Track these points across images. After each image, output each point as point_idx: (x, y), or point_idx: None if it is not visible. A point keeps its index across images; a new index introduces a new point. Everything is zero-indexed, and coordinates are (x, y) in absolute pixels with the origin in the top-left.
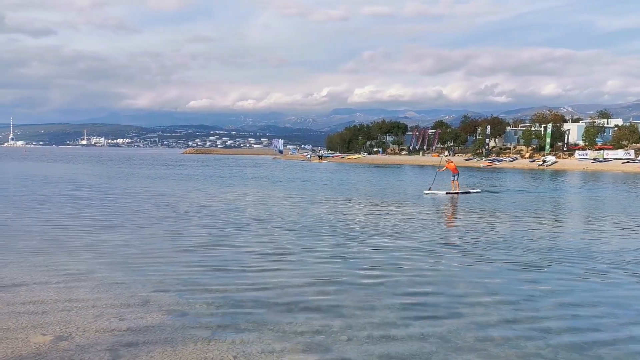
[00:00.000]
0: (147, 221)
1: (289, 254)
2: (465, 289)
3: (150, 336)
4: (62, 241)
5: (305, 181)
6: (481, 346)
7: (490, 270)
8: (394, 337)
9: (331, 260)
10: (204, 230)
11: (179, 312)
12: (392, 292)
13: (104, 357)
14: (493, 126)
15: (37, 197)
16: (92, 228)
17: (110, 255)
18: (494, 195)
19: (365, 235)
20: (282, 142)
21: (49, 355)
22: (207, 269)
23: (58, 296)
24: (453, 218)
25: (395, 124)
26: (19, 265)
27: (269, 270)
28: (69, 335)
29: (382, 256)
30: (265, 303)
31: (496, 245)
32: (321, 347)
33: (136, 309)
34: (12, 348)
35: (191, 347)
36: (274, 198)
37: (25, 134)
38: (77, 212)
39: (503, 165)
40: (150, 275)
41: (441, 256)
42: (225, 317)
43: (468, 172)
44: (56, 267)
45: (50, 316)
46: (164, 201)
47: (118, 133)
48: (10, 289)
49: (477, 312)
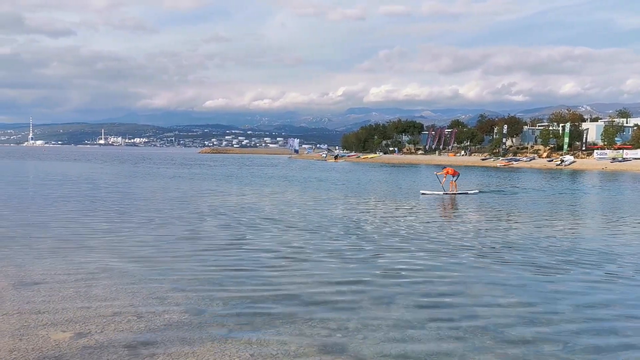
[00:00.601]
0: (165, 220)
1: (305, 253)
2: (482, 290)
3: (168, 334)
4: (80, 240)
5: (321, 181)
6: (498, 347)
7: (507, 271)
8: (410, 336)
9: (347, 261)
10: (221, 229)
11: (196, 310)
12: (408, 293)
13: (123, 354)
14: (510, 125)
15: (56, 196)
16: (110, 227)
17: (127, 254)
18: (510, 196)
19: (380, 236)
20: (298, 141)
21: (69, 352)
22: (223, 268)
23: (77, 294)
24: (467, 219)
25: (411, 123)
26: (39, 264)
27: (285, 269)
28: (89, 333)
29: (397, 257)
30: (282, 302)
31: (512, 247)
32: (337, 346)
33: (154, 307)
34: (33, 345)
35: (208, 345)
36: (291, 198)
37: (44, 134)
38: (95, 211)
39: (520, 165)
40: (167, 273)
41: (457, 257)
42: (241, 316)
43: (484, 172)
44: (75, 265)
45: (70, 313)
46: (181, 201)
47: (135, 132)
48: (30, 287)
49: (495, 313)
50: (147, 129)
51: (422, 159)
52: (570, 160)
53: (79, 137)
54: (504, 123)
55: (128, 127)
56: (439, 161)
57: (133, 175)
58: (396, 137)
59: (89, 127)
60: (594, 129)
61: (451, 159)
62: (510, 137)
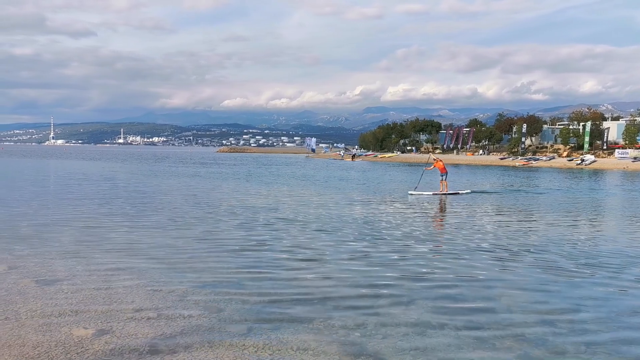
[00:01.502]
0: (184, 220)
1: (324, 254)
2: (502, 292)
3: (188, 331)
4: (101, 238)
5: (342, 180)
6: (518, 346)
7: (527, 274)
8: (429, 336)
9: (365, 261)
10: (240, 229)
11: (216, 309)
12: (427, 294)
13: (143, 351)
14: (529, 124)
15: (78, 195)
16: (130, 226)
17: (147, 253)
18: (528, 196)
19: (399, 237)
20: (315, 140)
21: (91, 348)
22: (242, 267)
23: (98, 292)
24: (485, 220)
25: (429, 122)
26: (60, 261)
27: (304, 268)
28: (110, 329)
29: (415, 258)
30: (300, 301)
31: (532, 248)
32: (356, 344)
33: (173, 306)
34: (56, 341)
35: (228, 343)
36: (312, 198)
37: (65, 133)
38: (115, 210)
39: (540, 164)
40: (186, 273)
41: (475, 259)
42: (260, 314)
43: (502, 172)
44: (95, 263)
45: (92, 311)
46: (201, 200)
47: (154, 132)
48: (53, 284)
49: (515, 315)
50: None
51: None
52: (591, 159)
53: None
54: (523, 122)
55: (146, 127)
56: (456, 160)
57: (152, 174)
58: (414, 136)
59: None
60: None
61: (469, 158)
62: (530, 136)
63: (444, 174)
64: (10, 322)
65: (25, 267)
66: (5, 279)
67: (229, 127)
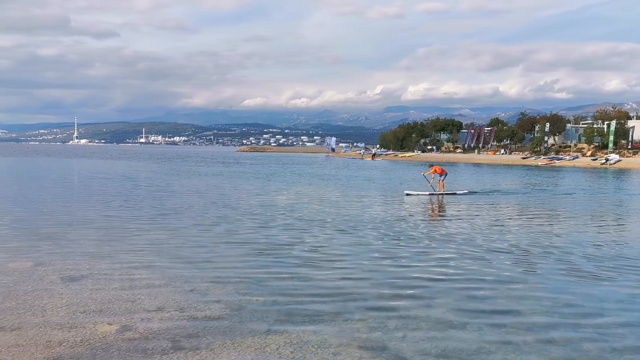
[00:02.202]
0: (206, 218)
1: (346, 252)
2: (524, 293)
3: (210, 328)
4: (123, 236)
5: (363, 180)
6: (542, 347)
7: (550, 274)
8: (451, 336)
9: (387, 260)
10: (261, 228)
11: (237, 306)
12: (448, 293)
13: (167, 346)
14: (552, 123)
15: (101, 193)
16: (152, 224)
17: (169, 250)
18: (548, 195)
19: (420, 236)
20: (335, 140)
21: (115, 344)
22: (263, 265)
23: (121, 288)
24: (505, 220)
25: (449, 121)
26: (85, 258)
27: (325, 267)
28: (133, 325)
29: (436, 258)
30: (322, 299)
31: (554, 249)
32: (377, 343)
33: (195, 302)
34: (81, 337)
35: (249, 340)
36: (331, 197)
37: (88, 133)
38: (137, 209)
39: (563, 163)
40: (208, 269)
41: (497, 259)
42: (281, 312)
43: (524, 171)
44: (119, 260)
45: (115, 307)
46: (223, 199)
47: (175, 131)
48: (77, 280)
49: (537, 314)
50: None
51: (461, 157)
52: (616, 159)
53: (120, 136)
54: (545, 121)
55: (168, 126)
56: (478, 160)
57: (174, 173)
58: (434, 136)
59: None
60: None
61: (491, 157)
62: (553, 136)
63: (443, 175)
64: (37, 318)
65: (50, 264)
66: (31, 275)
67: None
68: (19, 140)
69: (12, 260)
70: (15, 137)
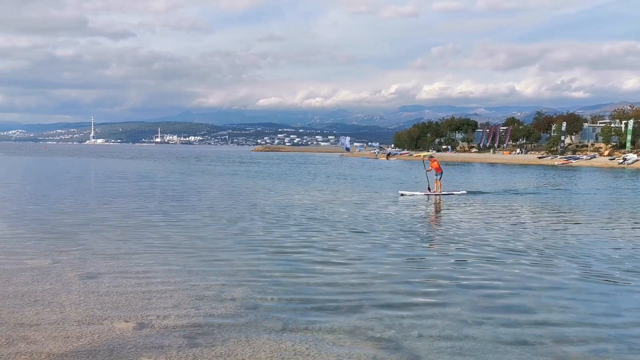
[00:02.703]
0: (222, 217)
1: (359, 252)
2: (540, 293)
3: (225, 326)
4: (139, 234)
5: (378, 179)
6: (558, 347)
7: (566, 274)
8: (466, 334)
9: (401, 259)
10: (276, 227)
11: (252, 304)
12: (463, 292)
13: (182, 343)
14: (569, 122)
15: (117, 192)
16: (168, 223)
17: (185, 249)
18: (568, 196)
19: (435, 236)
20: (349, 139)
21: (132, 340)
22: (278, 264)
23: (138, 286)
24: (522, 220)
25: (464, 120)
26: (101, 256)
27: (339, 266)
28: (150, 323)
29: (451, 258)
30: (336, 298)
31: (570, 251)
32: (392, 342)
33: (211, 300)
34: (98, 333)
35: (264, 338)
36: (346, 197)
37: (105, 132)
38: (154, 208)
39: (580, 163)
40: (223, 268)
41: (513, 259)
42: (296, 311)
43: (540, 171)
44: (135, 258)
45: (132, 304)
46: (238, 198)
47: (190, 131)
48: (94, 278)
49: (553, 314)
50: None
51: (476, 157)
52: (634, 158)
53: (136, 136)
54: (562, 120)
55: (183, 126)
56: (493, 159)
57: (190, 172)
58: (449, 135)
59: (145, 125)
60: None
61: (506, 157)
62: (569, 135)
63: (439, 174)
64: (55, 314)
65: (68, 262)
66: (49, 272)
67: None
68: (37, 139)
69: (31, 258)
70: (33, 137)
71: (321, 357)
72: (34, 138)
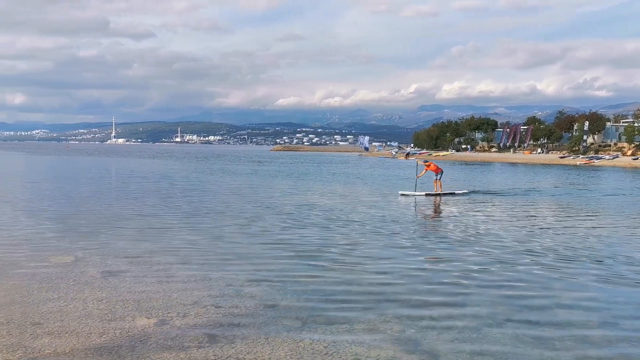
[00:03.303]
0: (241, 216)
1: (378, 251)
2: (561, 293)
3: (245, 324)
4: (159, 233)
5: (399, 179)
6: (579, 347)
7: (588, 275)
8: (486, 334)
9: (420, 259)
10: (296, 226)
11: (271, 303)
12: (482, 292)
13: (203, 340)
14: (591, 122)
15: (139, 191)
16: (188, 221)
17: (204, 247)
18: (589, 196)
19: (454, 235)
20: (368, 139)
21: (154, 336)
22: (297, 263)
23: (159, 283)
24: (541, 220)
25: (484, 120)
26: (123, 254)
27: (359, 265)
28: (171, 320)
29: (471, 258)
30: (354, 297)
31: (592, 252)
32: (411, 341)
33: (230, 298)
34: (120, 329)
35: (284, 336)
36: (365, 197)
37: (126, 132)
38: (175, 206)
39: (602, 163)
40: (242, 267)
41: (533, 259)
42: (315, 309)
43: (562, 171)
44: (155, 256)
45: (153, 301)
46: (258, 197)
47: (210, 131)
48: (116, 275)
49: (575, 314)
50: (221, 127)
51: (496, 156)
52: None
53: (157, 135)
54: (584, 119)
55: (203, 126)
56: (513, 159)
57: (210, 172)
58: (469, 135)
59: (166, 125)
60: None
61: (527, 156)
62: (592, 134)
63: (439, 174)
64: (78, 310)
65: (90, 259)
66: (72, 269)
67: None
68: (60, 139)
69: (55, 255)
70: (56, 137)
71: (339, 355)
72: (57, 138)
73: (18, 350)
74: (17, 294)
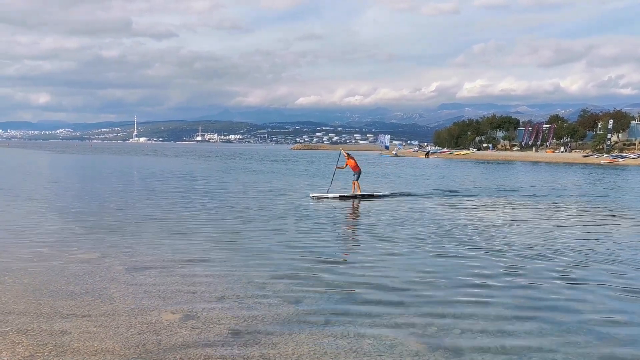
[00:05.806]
0: (264, 214)
1: (400, 249)
2: (585, 292)
3: (268, 320)
4: (183, 230)
5: (416, 178)
6: (603, 344)
7: (611, 273)
8: (509, 332)
9: (442, 257)
10: (317, 224)
11: (294, 300)
12: (506, 291)
13: (227, 336)
14: (616, 120)
15: (161, 189)
16: (209, 218)
17: (227, 244)
18: (613, 197)
19: (475, 234)
20: (389, 137)
21: (179, 331)
22: (318, 260)
23: (183, 279)
24: (565, 221)
25: (506, 118)
26: (147, 250)
27: (381, 263)
28: (195, 315)
29: (492, 257)
30: (377, 295)
31: (615, 250)
32: (434, 338)
33: (254, 294)
34: (147, 324)
35: (307, 332)
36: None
37: (147, 131)
38: (197, 204)
39: (627, 162)
40: (265, 263)
41: (554, 260)
42: (337, 307)
43: (585, 170)
44: (179, 253)
45: (178, 297)
46: (280, 195)
47: (230, 130)
48: (141, 271)
49: (600, 314)
50: (241, 126)
51: (517, 155)
52: None
53: (177, 134)
54: (609, 117)
55: (223, 125)
56: (535, 158)
57: (232, 170)
58: (490, 133)
59: (186, 124)
60: None
61: (549, 155)
62: (616, 133)
63: (357, 173)
64: (105, 305)
65: (115, 255)
66: (98, 265)
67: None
68: (83, 138)
69: (81, 252)
70: (79, 136)
71: (363, 352)
72: (80, 137)
73: (48, 344)
74: (45, 289)
